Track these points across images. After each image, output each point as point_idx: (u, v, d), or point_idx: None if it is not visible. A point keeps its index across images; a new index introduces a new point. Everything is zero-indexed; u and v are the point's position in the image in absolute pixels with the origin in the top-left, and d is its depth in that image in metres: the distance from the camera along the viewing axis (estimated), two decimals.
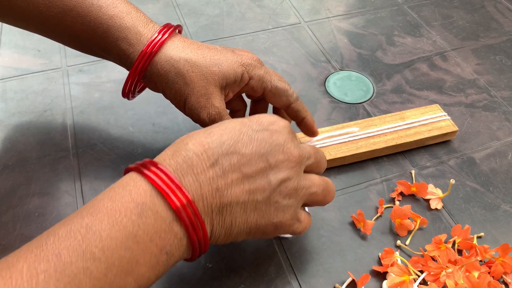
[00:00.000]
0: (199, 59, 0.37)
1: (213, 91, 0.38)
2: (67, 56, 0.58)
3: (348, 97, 0.55)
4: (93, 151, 0.47)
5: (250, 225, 0.32)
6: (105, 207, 0.27)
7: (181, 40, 0.39)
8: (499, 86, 0.57)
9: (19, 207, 0.42)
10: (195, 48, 0.38)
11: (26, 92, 0.53)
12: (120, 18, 0.37)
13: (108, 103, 0.52)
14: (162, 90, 0.39)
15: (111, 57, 0.39)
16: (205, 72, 0.37)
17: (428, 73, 0.58)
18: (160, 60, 0.37)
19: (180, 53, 0.37)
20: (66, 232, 0.26)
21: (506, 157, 0.49)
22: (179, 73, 0.37)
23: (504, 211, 0.44)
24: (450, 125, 0.49)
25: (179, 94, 0.38)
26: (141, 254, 0.27)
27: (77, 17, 0.37)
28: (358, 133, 0.47)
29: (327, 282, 0.38)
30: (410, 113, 0.50)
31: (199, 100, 0.37)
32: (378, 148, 0.46)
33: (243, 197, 0.31)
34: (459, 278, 0.36)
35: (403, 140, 0.47)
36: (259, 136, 0.32)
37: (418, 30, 0.65)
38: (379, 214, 0.42)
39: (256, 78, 0.39)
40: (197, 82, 0.37)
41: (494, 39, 0.64)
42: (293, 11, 0.68)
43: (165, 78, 0.37)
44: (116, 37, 0.37)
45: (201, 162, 0.30)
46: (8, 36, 0.61)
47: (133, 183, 0.29)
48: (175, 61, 0.37)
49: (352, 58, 0.60)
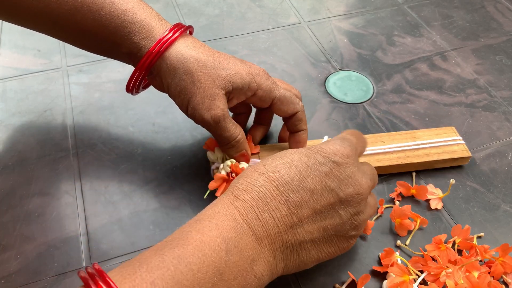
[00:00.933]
0: (208, 60, 0.38)
1: (219, 93, 0.38)
2: (67, 56, 0.58)
3: (348, 97, 0.55)
4: (93, 151, 0.47)
5: (322, 255, 0.33)
6: (194, 239, 0.28)
7: (192, 41, 0.39)
8: (499, 86, 0.57)
9: (19, 207, 0.42)
10: (205, 50, 0.39)
11: (26, 92, 0.53)
12: (132, 13, 0.37)
13: (108, 103, 0.52)
14: (167, 86, 0.39)
15: (120, 52, 0.39)
16: (213, 74, 0.37)
17: (428, 73, 0.58)
18: (170, 56, 0.37)
19: (191, 51, 0.38)
20: (159, 262, 0.26)
21: (506, 157, 0.49)
22: (188, 70, 0.37)
23: (504, 211, 0.44)
24: (464, 150, 0.46)
25: (184, 92, 0.38)
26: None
27: (88, 13, 0.37)
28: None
29: (327, 282, 0.38)
30: (422, 133, 0.47)
31: (204, 100, 0.37)
32: (382, 165, 0.44)
33: (316, 234, 0.32)
34: (459, 278, 0.36)
35: (409, 160, 0.45)
36: (326, 169, 0.32)
37: (418, 30, 0.65)
38: (379, 214, 0.43)
39: (264, 88, 0.39)
40: (204, 82, 0.37)
41: (494, 39, 0.64)
42: (293, 11, 0.68)
43: (173, 74, 0.37)
44: (129, 31, 0.37)
45: (275, 199, 0.30)
46: (8, 36, 0.61)
47: (218, 216, 0.30)
48: (185, 59, 0.37)
49: (352, 58, 0.60)
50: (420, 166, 0.46)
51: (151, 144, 0.48)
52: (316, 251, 0.32)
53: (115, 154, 0.47)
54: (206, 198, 0.43)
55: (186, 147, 0.48)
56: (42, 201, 0.43)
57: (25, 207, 0.42)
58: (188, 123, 0.50)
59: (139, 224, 0.41)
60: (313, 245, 0.32)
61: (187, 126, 0.50)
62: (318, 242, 0.32)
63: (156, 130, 0.50)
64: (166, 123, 0.50)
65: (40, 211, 0.42)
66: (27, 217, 0.41)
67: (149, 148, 0.48)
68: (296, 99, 0.42)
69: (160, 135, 0.49)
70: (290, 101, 0.41)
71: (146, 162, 0.46)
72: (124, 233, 0.41)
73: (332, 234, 0.33)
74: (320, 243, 0.32)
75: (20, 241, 0.40)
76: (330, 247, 0.33)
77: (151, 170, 0.46)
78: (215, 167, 0.42)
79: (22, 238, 0.40)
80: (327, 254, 0.33)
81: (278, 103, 0.41)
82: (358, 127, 0.51)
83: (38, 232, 0.40)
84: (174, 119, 0.51)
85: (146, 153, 0.47)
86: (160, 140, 0.49)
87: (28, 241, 0.40)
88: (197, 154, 0.47)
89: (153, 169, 0.46)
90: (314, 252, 0.32)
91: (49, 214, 0.42)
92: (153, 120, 0.51)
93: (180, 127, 0.50)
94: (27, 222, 0.41)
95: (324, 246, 0.33)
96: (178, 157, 0.47)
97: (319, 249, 0.33)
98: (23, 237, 0.40)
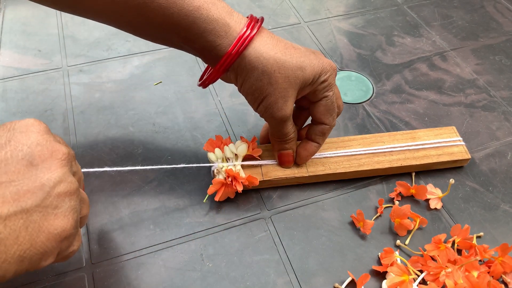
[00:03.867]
0: (287, 59, 0.37)
1: (292, 94, 0.38)
2: (68, 56, 0.58)
3: (348, 97, 0.55)
4: (93, 151, 0.47)
5: None
6: None
7: (270, 37, 0.38)
8: (499, 86, 0.57)
9: None
10: (283, 47, 0.38)
11: (27, 92, 0.54)
12: (206, 10, 0.36)
13: (108, 103, 0.52)
14: (241, 83, 0.38)
15: (192, 47, 0.38)
16: (290, 75, 0.37)
17: (427, 73, 0.58)
18: (249, 55, 0.36)
19: (270, 51, 0.37)
20: None
21: (506, 157, 0.49)
22: (266, 71, 0.37)
23: (503, 211, 0.44)
24: (463, 152, 0.46)
25: (259, 91, 0.37)
26: None
27: (158, 9, 0.35)
28: (363, 149, 0.45)
29: (327, 282, 0.38)
30: (422, 133, 0.47)
31: (278, 101, 0.38)
32: (381, 167, 0.44)
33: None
34: (459, 278, 0.36)
35: (409, 162, 0.44)
36: None
37: (418, 30, 0.65)
38: (378, 214, 0.43)
39: (325, 84, 0.39)
40: (281, 84, 0.37)
41: (494, 39, 0.64)
42: (293, 11, 0.68)
43: (250, 73, 0.37)
44: (203, 29, 0.36)
45: None
46: (9, 36, 0.61)
47: None
48: (264, 59, 0.36)
49: (352, 58, 0.60)
50: (419, 167, 0.46)
51: (151, 144, 0.48)
52: None
53: (115, 154, 0.47)
54: (205, 202, 0.43)
55: (186, 147, 0.48)
56: None
57: None
58: (188, 123, 0.51)
59: (139, 224, 0.41)
60: None
61: (187, 126, 0.50)
62: None
63: (156, 130, 0.50)
64: (166, 123, 0.51)
65: None
66: None
67: (149, 148, 0.48)
68: (336, 113, 0.42)
69: (160, 135, 0.49)
70: (332, 110, 0.41)
71: (146, 162, 0.46)
72: (124, 233, 0.41)
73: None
74: None
75: None
76: None
77: (151, 170, 0.46)
78: (215, 168, 0.42)
79: None
80: None
81: (323, 103, 0.40)
82: (358, 127, 0.51)
83: None
84: (174, 119, 0.51)
85: (146, 153, 0.47)
86: (160, 140, 0.49)
87: None
88: (197, 154, 0.47)
89: (153, 169, 0.46)
90: None
91: None
92: (153, 120, 0.51)
93: (180, 127, 0.50)
94: None
95: None
96: (178, 157, 0.47)
97: None
98: None
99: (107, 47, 0.60)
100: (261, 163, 0.44)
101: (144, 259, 0.39)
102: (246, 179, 0.41)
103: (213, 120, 0.51)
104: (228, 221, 0.42)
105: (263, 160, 0.44)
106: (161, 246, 0.40)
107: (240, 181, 0.41)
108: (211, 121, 0.51)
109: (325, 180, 0.45)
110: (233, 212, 0.43)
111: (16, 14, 0.65)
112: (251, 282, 0.38)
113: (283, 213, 0.43)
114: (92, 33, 0.62)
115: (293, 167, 0.44)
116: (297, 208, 0.43)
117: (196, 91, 0.54)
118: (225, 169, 0.41)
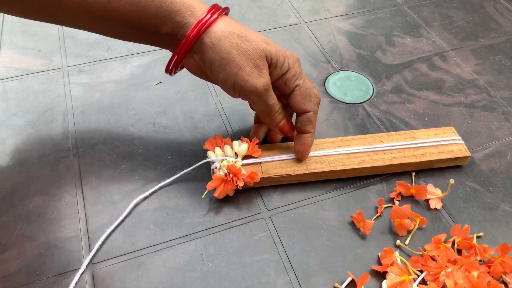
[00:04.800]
0: (251, 34, 0.39)
1: (264, 64, 0.38)
2: (68, 56, 0.58)
3: (347, 97, 0.55)
4: (93, 151, 0.47)
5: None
6: None
7: (232, 20, 0.40)
8: (499, 86, 0.57)
9: (19, 207, 0.42)
10: (245, 28, 0.40)
11: (27, 92, 0.54)
12: None
13: (108, 103, 0.52)
14: (210, 62, 0.38)
15: (159, 34, 0.39)
16: (257, 47, 0.38)
17: (427, 73, 0.58)
18: (214, 31, 0.38)
19: (233, 29, 0.38)
20: None
21: (506, 157, 0.49)
22: (233, 44, 0.38)
23: (503, 211, 0.44)
24: (463, 150, 0.46)
25: (232, 64, 0.38)
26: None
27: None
28: (363, 147, 0.45)
29: (327, 282, 0.38)
30: (421, 133, 0.47)
31: (253, 71, 0.38)
32: (381, 165, 0.44)
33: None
34: (459, 278, 0.36)
35: (409, 160, 0.45)
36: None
37: (418, 30, 0.65)
38: (378, 214, 0.43)
39: (293, 71, 0.40)
40: (251, 54, 0.38)
41: (494, 39, 0.64)
42: (292, 11, 0.68)
43: (218, 48, 0.38)
44: (170, 11, 0.37)
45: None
46: (9, 36, 0.61)
47: None
48: (230, 33, 0.38)
49: (352, 58, 0.60)
50: (419, 165, 0.46)
51: (151, 144, 0.48)
52: None
53: (115, 154, 0.47)
54: (204, 198, 0.43)
55: (186, 147, 0.48)
56: (43, 201, 0.43)
57: (26, 207, 0.42)
58: (188, 122, 0.51)
59: (139, 224, 0.41)
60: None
61: (187, 126, 0.50)
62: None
63: (156, 130, 0.50)
64: (166, 123, 0.51)
65: (41, 211, 0.42)
66: (28, 217, 0.42)
67: (149, 148, 0.48)
68: (314, 100, 0.42)
69: (160, 135, 0.49)
70: (309, 96, 0.42)
71: (146, 162, 0.46)
72: (124, 233, 0.41)
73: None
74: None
75: (21, 241, 0.40)
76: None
77: (151, 170, 0.46)
78: (215, 167, 0.42)
79: (23, 238, 0.40)
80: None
81: (297, 93, 0.41)
82: (357, 127, 0.51)
83: (38, 232, 0.41)
84: (174, 119, 0.51)
85: (146, 153, 0.47)
86: (160, 140, 0.49)
87: (29, 240, 0.40)
88: (197, 154, 0.47)
89: (153, 169, 0.46)
90: None
91: (50, 214, 0.42)
92: (153, 120, 0.51)
93: (180, 127, 0.50)
94: (28, 222, 0.41)
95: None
96: (178, 157, 0.47)
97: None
98: (24, 237, 0.40)
99: (107, 47, 0.60)
100: (260, 161, 0.44)
101: (144, 259, 0.39)
102: (248, 175, 0.41)
103: (213, 120, 0.51)
104: (228, 221, 0.42)
105: (263, 158, 0.44)
106: (161, 246, 0.40)
107: (241, 178, 0.41)
108: (211, 121, 0.51)
109: (325, 178, 0.45)
110: (233, 212, 0.43)
111: None
112: (251, 282, 0.38)
113: (283, 213, 0.43)
114: (92, 33, 0.62)
115: (293, 165, 0.44)
116: (297, 208, 0.43)
117: (196, 91, 0.54)
118: (227, 165, 0.41)
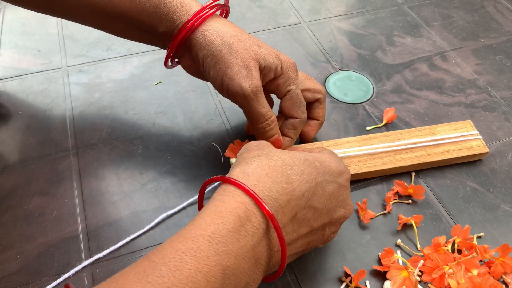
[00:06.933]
0: (243, 36, 0.39)
1: (255, 66, 0.38)
2: (67, 56, 0.58)
3: (348, 97, 0.55)
4: (93, 151, 0.47)
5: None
6: (188, 267, 0.26)
7: (227, 20, 0.40)
8: (499, 86, 0.57)
9: (19, 207, 0.42)
10: (240, 29, 0.40)
11: (27, 92, 0.54)
12: None
13: (108, 103, 0.52)
14: (202, 58, 0.39)
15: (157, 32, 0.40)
16: (249, 48, 0.38)
17: (428, 73, 0.58)
18: (207, 30, 0.38)
19: (227, 28, 0.39)
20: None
21: (506, 157, 0.49)
22: (226, 42, 0.38)
23: (504, 211, 0.44)
24: (481, 146, 0.46)
25: (221, 61, 0.38)
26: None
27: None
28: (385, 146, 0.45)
29: (327, 282, 0.38)
30: (440, 128, 0.48)
31: (242, 70, 0.38)
32: (404, 165, 0.44)
33: (301, 248, 0.33)
34: (461, 278, 0.36)
35: (430, 158, 0.45)
36: (330, 189, 0.33)
37: (418, 30, 0.65)
38: (387, 211, 0.43)
39: (285, 76, 0.40)
40: (241, 53, 0.38)
41: (494, 39, 0.64)
42: (293, 11, 0.68)
43: (209, 45, 0.38)
44: (167, 10, 0.38)
45: (285, 215, 0.30)
46: (9, 36, 0.61)
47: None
48: (223, 32, 0.38)
49: (352, 58, 0.60)
50: (440, 163, 0.46)
51: (151, 144, 0.48)
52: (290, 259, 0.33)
53: (115, 154, 0.47)
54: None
55: (186, 147, 0.48)
56: (42, 201, 0.43)
57: (25, 207, 0.42)
58: (188, 123, 0.50)
59: (139, 224, 0.41)
60: (292, 257, 0.33)
61: (187, 126, 0.50)
62: (298, 254, 0.33)
63: (156, 130, 0.50)
64: (166, 123, 0.50)
65: (40, 211, 0.42)
66: (27, 217, 0.41)
67: (149, 148, 0.48)
68: (304, 108, 0.42)
69: (160, 135, 0.49)
70: (299, 103, 0.41)
71: (146, 162, 0.46)
72: (124, 233, 0.41)
73: (309, 247, 0.33)
74: (301, 252, 0.33)
75: (20, 241, 0.40)
76: (307, 248, 0.34)
77: (151, 170, 0.46)
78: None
79: (22, 238, 0.40)
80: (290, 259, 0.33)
81: (288, 98, 0.41)
82: (358, 127, 0.51)
83: (38, 232, 0.41)
84: (174, 119, 0.51)
85: (146, 153, 0.47)
86: (160, 140, 0.49)
87: (28, 241, 0.40)
88: (197, 154, 0.47)
89: (153, 169, 0.46)
90: (292, 257, 0.33)
91: (49, 214, 0.42)
92: (153, 120, 0.51)
93: (180, 127, 0.50)
94: (27, 222, 0.41)
95: (303, 250, 0.33)
96: (178, 157, 0.47)
97: (292, 258, 0.33)
98: (23, 237, 0.40)
99: (107, 47, 0.60)
100: None
101: None
102: None
103: (213, 120, 0.51)
104: None
105: None
106: None
107: None
108: (211, 121, 0.51)
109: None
110: None
111: (16, 14, 0.65)
112: None
113: None
114: (92, 33, 0.62)
115: None
116: None
117: (196, 91, 0.54)
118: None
